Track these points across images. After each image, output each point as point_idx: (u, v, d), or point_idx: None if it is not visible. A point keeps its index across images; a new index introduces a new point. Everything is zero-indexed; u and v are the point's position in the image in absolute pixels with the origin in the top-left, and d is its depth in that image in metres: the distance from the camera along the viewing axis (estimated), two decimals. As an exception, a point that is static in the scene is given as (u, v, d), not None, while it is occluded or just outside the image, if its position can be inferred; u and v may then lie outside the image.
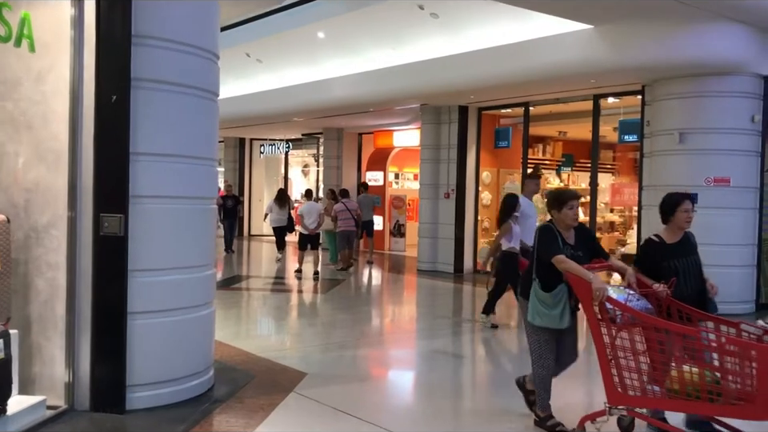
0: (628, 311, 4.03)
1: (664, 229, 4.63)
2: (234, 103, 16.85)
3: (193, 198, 5.20)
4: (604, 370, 4.16)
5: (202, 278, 5.30)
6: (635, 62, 9.43)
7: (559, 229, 4.48)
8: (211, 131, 5.42)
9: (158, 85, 4.92)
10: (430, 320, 9.11)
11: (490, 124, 13.84)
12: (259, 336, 7.74)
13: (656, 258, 4.48)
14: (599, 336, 4.13)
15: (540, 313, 4.44)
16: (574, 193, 4.65)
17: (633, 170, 17.65)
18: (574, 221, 4.50)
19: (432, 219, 13.97)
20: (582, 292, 4.17)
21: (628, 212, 15.08)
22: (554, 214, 4.53)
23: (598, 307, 4.08)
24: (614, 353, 4.11)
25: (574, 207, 4.48)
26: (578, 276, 4.18)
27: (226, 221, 16.72)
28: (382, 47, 12.76)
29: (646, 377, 4.10)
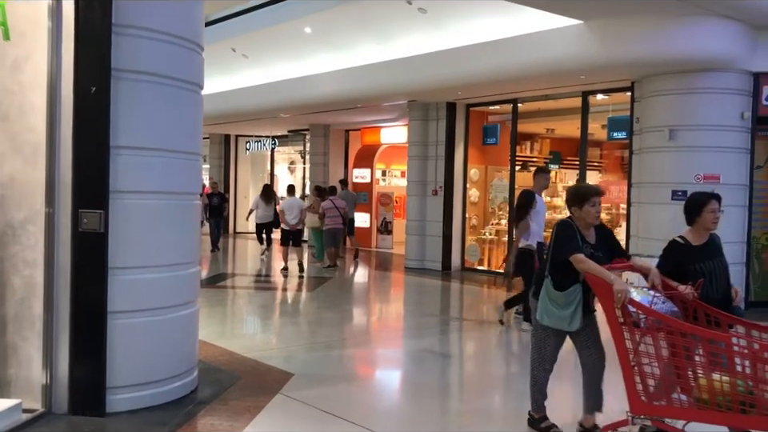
0: (653, 315, 3.78)
1: (688, 230, 4.34)
2: (220, 99, 16.68)
3: (176, 194, 5.04)
4: (627, 377, 3.90)
5: (186, 276, 5.14)
6: (625, 58, 9.36)
7: (579, 226, 4.24)
8: (195, 124, 5.26)
9: (139, 76, 4.75)
10: (418, 318, 8.99)
11: (478, 121, 13.74)
12: (244, 335, 7.58)
13: (681, 261, 4.24)
14: (621, 341, 3.88)
15: (549, 312, 4.23)
16: (596, 189, 4.34)
17: (620, 168, 17.64)
18: (596, 219, 4.25)
19: (420, 216, 13.86)
20: (603, 294, 3.92)
21: (615, 209, 15.07)
22: (574, 211, 4.28)
23: (620, 310, 3.85)
24: (638, 359, 3.86)
25: (596, 204, 4.22)
26: (598, 277, 3.94)
27: (212, 219, 16.34)
28: (369, 42, 12.62)
29: (672, 385, 3.88)
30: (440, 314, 9.67)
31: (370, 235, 18.05)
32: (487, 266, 13.39)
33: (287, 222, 12.81)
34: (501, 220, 13.46)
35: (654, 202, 9.92)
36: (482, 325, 8.59)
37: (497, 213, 13.68)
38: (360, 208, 18.14)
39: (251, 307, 9.76)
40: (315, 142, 18.73)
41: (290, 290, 11.37)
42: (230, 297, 10.49)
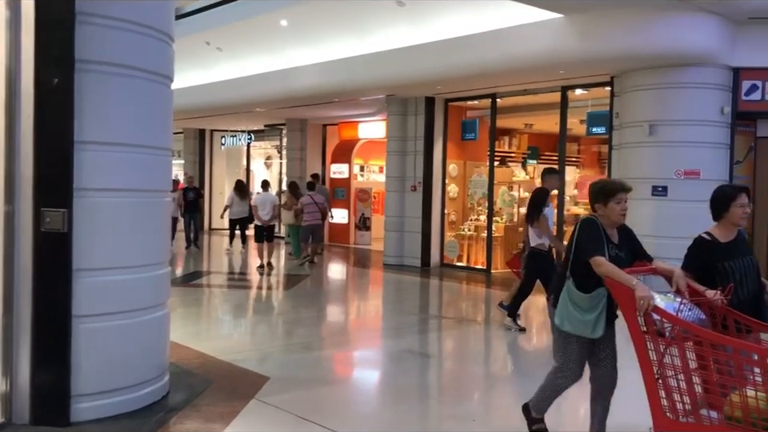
0: (679, 323, 3.45)
1: (715, 226, 4.06)
2: (194, 93, 16.36)
3: (144, 191, 4.81)
4: (650, 392, 3.56)
5: (155, 278, 4.91)
6: (605, 53, 9.27)
7: (603, 225, 3.92)
8: (164, 118, 5.03)
9: (105, 67, 4.51)
10: (397, 317, 8.82)
11: (456, 116, 13.60)
12: (219, 336, 7.35)
13: (708, 260, 3.93)
14: (644, 352, 3.55)
15: (571, 317, 3.89)
16: (622, 184, 4.03)
17: (598, 163, 17.68)
18: (621, 217, 3.96)
19: (398, 212, 13.70)
20: (624, 301, 3.60)
21: (592, 205, 15.04)
22: (598, 209, 3.97)
23: (642, 318, 3.53)
24: (663, 371, 3.53)
25: (622, 201, 3.93)
26: (618, 282, 3.62)
27: (187, 214, 15.85)
28: (346, 36, 12.41)
29: (701, 400, 3.54)
30: (419, 312, 9.52)
31: (347, 231, 17.86)
32: (466, 262, 13.27)
33: (260, 218, 12.70)
34: (480, 216, 13.34)
35: (634, 198, 9.70)
36: (462, 323, 8.47)
37: (476, 209, 13.55)
38: (338, 204, 17.96)
39: (226, 307, 9.52)
40: (292, 136, 18.46)
41: (266, 288, 11.16)
42: (204, 296, 10.23)
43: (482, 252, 12.96)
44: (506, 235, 13.10)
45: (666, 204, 9.53)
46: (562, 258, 7.39)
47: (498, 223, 13.06)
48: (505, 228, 13.13)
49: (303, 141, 18.38)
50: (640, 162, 9.77)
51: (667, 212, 9.52)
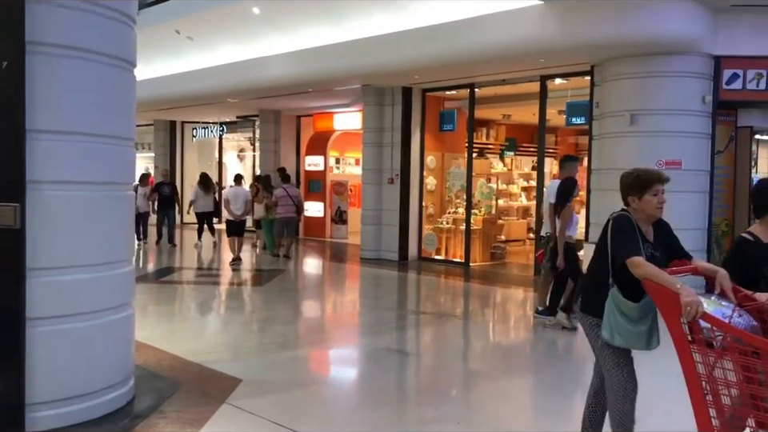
0: (733, 332, 3.05)
1: (757, 224, 3.71)
2: (164, 83, 15.93)
3: (104, 184, 4.48)
4: (698, 408, 3.17)
5: (117, 277, 4.59)
6: (586, 40, 9.08)
7: (637, 221, 3.51)
8: (126, 106, 4.70)
9: (60, 50, 4.17)
10: (376, 313, 8.54)
11: (434, 106, 13.35)
12: (189, 336, 7.00)
13: (753, 262, 3.56)
14: (690, 364, 3.15)
15: (621, 329, 3.40)
16: (658, 174, 3.58)
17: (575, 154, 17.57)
18: (659, 211, 3.52)
19: (375, 206, 13.42)
20: (667, 306, 3.19)
21: (570, 196, 14.91)
22: (631, 202, 3.54)
23: (688, 326, 3.14)
24: (713, 386, 3.13)
25: (660, 193, 3.49)
26: (660, 285, 3.20)
27: (161, 210, 15.23)
28: (320, 24, 12.07)
29: (754, 418, 3.17)
30: (397, 307, 9.25)
31: (323, 225, 17.55)
32: (444, 256, 13.05)
33: (232, 213, 12.41)
34: (458, 208, 13.13)
35: (615, 189, 9.55)
36: (441, 318, 8.23)
37: (454, 201, 13.34)
38: (313, 197, 17.67)
39: (198, 304, 9.18)
40: (265, 128, 18.06)
41: (239, 285, 10.83)
42: (176, 293, 9.88)
43: (461, 245, 12.75)
44: (484, 228, 12.90)
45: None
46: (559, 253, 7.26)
47: (477, 216, 12.86)
48: (483, 221, 12.93)
49: (277, 132, 18.00)
50: (621, 153, 9.60)
51: (648, 203, 9.37)
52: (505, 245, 13.73)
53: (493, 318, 8.76)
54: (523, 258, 14.13)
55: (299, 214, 13.65)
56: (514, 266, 12.90)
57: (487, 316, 8.84)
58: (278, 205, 13.06)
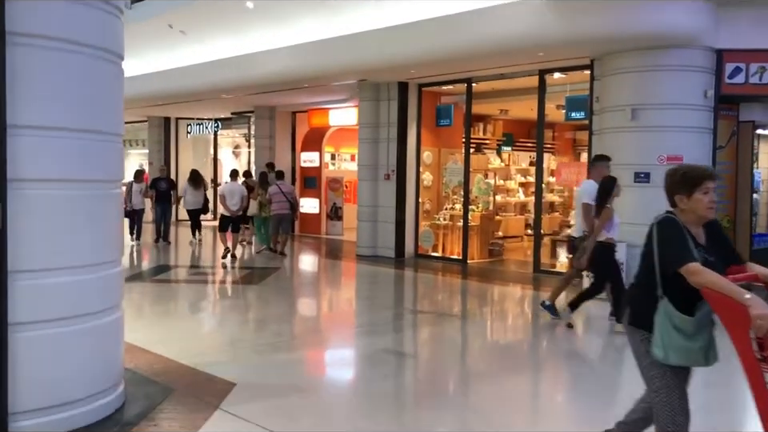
0: None
1: None
2: (157, 79, 15.73)
3: (91, 182, 4.29)
4: None
5: (105, 278, 4.40)
6: (586, 34, 8.92)
7: (686, 223, 3.18)
8: (113, 100, 4.51)
9: (43, 41, 3.98)
10: (372, 312, 8.37)
11: (431, 101, 13.17)
12: (182, 337, 6.80)
13: None
14: (760, 385, 2.83)
15: (676, 345, 3.05)
16: (707, 170, 3.26)
17: (572, 150, 17.44)
18: (710, 211, 3.17)
19: (371, 202, 13.24)
20: (732, 319, 2.85)
21: (568, 192, 14.77)
22: (679, 202, 3.20)
23: (757, 342, 2.82)
24: None
25: (710, 191, 3.14)
26: (724, 295, 2.86)
27: (159, 206, 14.94)
28: (316, 18, 11.87)
29: None
30: (395, 306, 9.08)
31: (319, 221, 17.37)
32: (442, 253, 12.89)
33: (228, 209, 12.50)
34: (455, 204, 12.96)
35: None
36: (440, 317, 8.06)
37: (451, 197, 13.17)
38: (309, 193, 17.50)
39: (191, 304, 8.97)
40: (260, 124, 17.85)
41: (233, 283, 10.65)
42: (169, 292, 9.67)
43: (458, 242, 12.59)
44: (481, 224, 12.74)
45: (648, 191, 9.21)
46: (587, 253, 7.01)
47: (474, 212, 12.69)
48: (481, 217, 12.77)
49: (272, 129, 17.79)
50: (621, 148, 9.41)
51: (650, 199, 9.17)
52: (503, 241, 13.57)
53: (492, 317, 8.60)
54: (521, 255, 13.98)
55: (294, 211, 13.53)
56: (513, 263, 12.75)
57: (486, 315, 8.68)
58: (272, 202, 12.97)
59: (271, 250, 13.23)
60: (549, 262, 11.66)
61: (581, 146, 17.26)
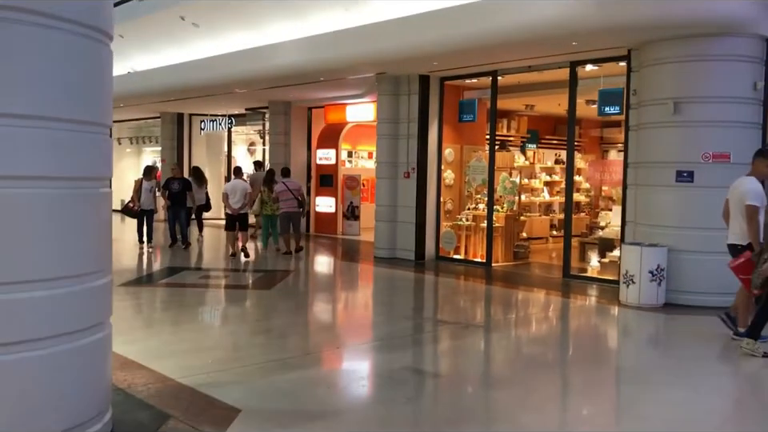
0: None
1: None
2: (169, 73, 15.23)
3: (73, 180, 3.70)
4: None
5: (89, 291, 3.80)
6: (626, 20, 8.21)
7: None
8: (99, 85, 3.90)
9: (16, 14, 3.39)
10: (392, 322, 7.69)
11: (453, 96, 12.49)
12: (183, 351, 6.18)
13: None
14: None
15: None
16: None
17: (598, 147, 16.69)
18: None
19: (390, 201, 12.60)
20: None
21: (594, 191, 14.06)
22: None
23: None
24: None
25: None
26: None
27: (171, 208, 13.89)
28: (333, 7, 11.25)
29: None
30: (415, 315, 8.37)
31: (335, 221, 16.78)
32: (464, 255, 12.22)
33: (230, 206, 12.28)
34: (479, 204, 12.29)
35: (656, 184, 8.84)
36: (466, 329, 7.40)
37: (474, 197, 12.50)
38: (324, 192, 16.93)
39: (196, 311, 8.31)
40: (275, 120, 17.28)
41: (243, 287, 10.04)
42: (173, 298, 9.06)
43: (482, 244, 11.92)
44: (506, 225, 12.06)
45: (691, 191, 8.52)
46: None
47: (499, 212, 12.01)
48: (506, 217, 12.09)
49: (287, 125, 17.20)
50: (662, 145, 8.75)
51: (693, 200, 8.52)
52: (528, 243, 12.88)
53: (524, 329, 7.90)
54: (546, 257, 13.29)
55: (302, 208, 13.01)
56: (539, 267, 12.06)
57: (517, 326, 7.98)
58: (279, 200, 12.64)
59: (286, 252, 12.78)
60: (578, 265, 10.96)
61: (608, 143, 16.53)
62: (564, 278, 10.49)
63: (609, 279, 10.02)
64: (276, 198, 12.69)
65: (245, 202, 12.40)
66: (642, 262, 8.47)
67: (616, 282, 9.58)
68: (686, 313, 8.24)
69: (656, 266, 8.43)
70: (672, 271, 8.55)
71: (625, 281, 8.63)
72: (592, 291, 9.71)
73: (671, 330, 7.90)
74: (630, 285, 8.55)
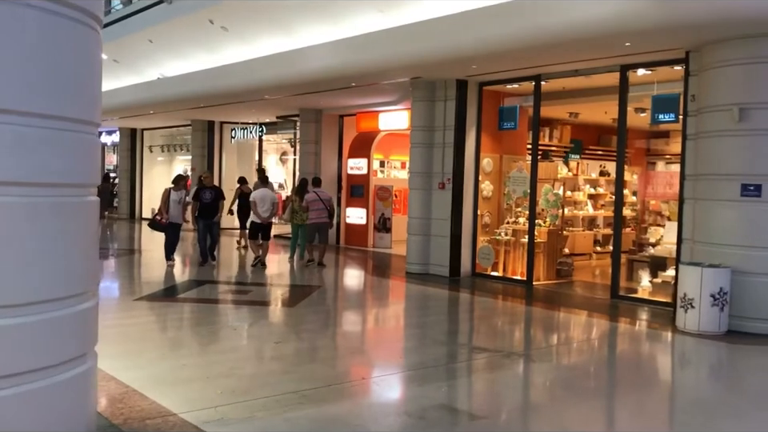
0: None
1: None
2: (198, 78, 14.84)
3: (52, 186, 3.14)
4: None
5: (69, 319, 3.22)
6: (686, 18, 7.44)
7: None
8: (87, 77, 3.33)
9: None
10: (425, 349, 6.90)
11: (492, 102, 11.78)
12: (190, 378, 5.52)
13: None
14: None
15: None
16: None
17: (644, 158, 15.76)
18: None
19: (424, 213, 11.91)
20: None
21: (640, 205, 13.18)
22: None
23: None
24: None
25: None
26: None
27: (201, 220, 12.41)
28: (367, 9, 10.66)
29: None
30: (449, 340, 7.58)
31: (365, 233, 16.14)
32: (502, 272, 11.46)
33: (259, 215, 12.13)
34: (518, 218, 11.54)
35: (717, 199, 8.02)
36: (509, 359, 6.64)
37: (513, 210, 11.74)
38: (355, 203, 16.32)
39: (211, 331, 7.55)
40: (305, 128, 16.74)
41: (266, 304, 9.41)
42: (188, 315, 8.42)
43: (522, 260, 11.16)
44: (549, 241, 11.28)
45: (758, 206, 7.69)
46: None
47: (541, 227, 11.23)
48: (548, 232, 11.30)
49: (318, 133, 16.66)
50: (726, 155, 7.93)
51: (760, 216, 7.69)
52: (571, 260, 12.07)
53: (573, 360, 7.07)
54: (590, 275, 12.46)
55: (331, 219, 12.69)
56: (583, 286, 11.25)
57: (565, 356, 7.16)
58: (310, 209, 12.41)
59: (310, 261, 12.50)
60: (625, 285, 10.13)
61: (654, 154, 15.63)
62: (612, 299, 9.68)
63: (662, 301, 9.22)
64: (306, 207, 12.44)
65: (273, 211, 12.28)
66: (702, 285, 7.65)
67: (669, 304, 8.81)
68: (751, 342, 7.41)
69: (718, 290, 7.61)
70: (736, 295, 7.71)
71: (682, 305, 7.80)
72: (644, 314, 8.88)
73: (736, 361, 7.10)
74: (689, 309, 7.72)
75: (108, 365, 5.53)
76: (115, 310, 8.45)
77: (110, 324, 7.74)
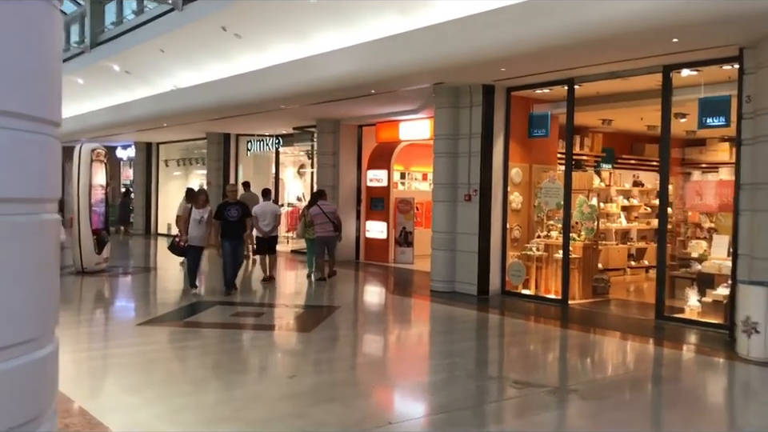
0: None
1: None
2: (212, 89, 14.34)
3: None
4: None
5: (18, 371, 2.51)
6: (743, 9, 6.65)
7: None
8: (41, 63, 2.64)
9: None
10: (453, 384, 6.03)
11: (522, 108, 11.02)
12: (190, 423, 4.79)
13: None
14: None
15: None
16: None
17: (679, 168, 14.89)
18: None
19: (449, 227, 11.15)
20: None
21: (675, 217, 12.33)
22: None
23: None
24: None
25: None
26: None
27: (226, 242, 10.53)
28: (387, 12, 10.01)
29: None
30: (481, 372, 6.75)
31: (386, 248, 15.41)
32: (534, 290, 10.66)
33: (260, 230, 11.92)
34: (551, 232, 10.74)
35: None
36: (554, 395, 5.81)
37: (545, 223, 10.94)
38: (375, 216, 15.61)
39: (217, 364, 6.72)
40: (323, 139, 16.08)
41: (278, 329, 8.66)
42: (194, 343, 7.62)
43: (555, 277, 10.35)
44: (584, 256, 10.45)
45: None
46: None
47: (575, 241, 10.42)
48: (583, 247, 10.48)
49: (336, 144, 15.99)
50: (789, 161, 7.11)
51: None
52: (608, 276, 11.23)
53: (630, 395, 6.18)
54: (625, 293, 11.60)
55: (338, 232, 12.18)
56: (621, 305, 10.44)
57: (620, 390, 6.24)
58: (314, 224, 12.10)
59: (321, 279, 12.03)
60: (669, 303, 9.26)
61: (689, 164, 14.76)
62: (657, 320, 8.84)
63: (713, 323, 8.37)
64: (311, 221, 12.16)
65: (275, 224, 12.08)
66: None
67: (723, 326, 7.99)
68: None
69: (787, 313, 6.76)
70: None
71: (745, 329, 6.95)
72: (696, 338, 8.05)
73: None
74: (753, 334, 6.87)
75: (97, 405, 4.89)
76: (113, 336, 7.83)
77: (104, 354, 7.12)
